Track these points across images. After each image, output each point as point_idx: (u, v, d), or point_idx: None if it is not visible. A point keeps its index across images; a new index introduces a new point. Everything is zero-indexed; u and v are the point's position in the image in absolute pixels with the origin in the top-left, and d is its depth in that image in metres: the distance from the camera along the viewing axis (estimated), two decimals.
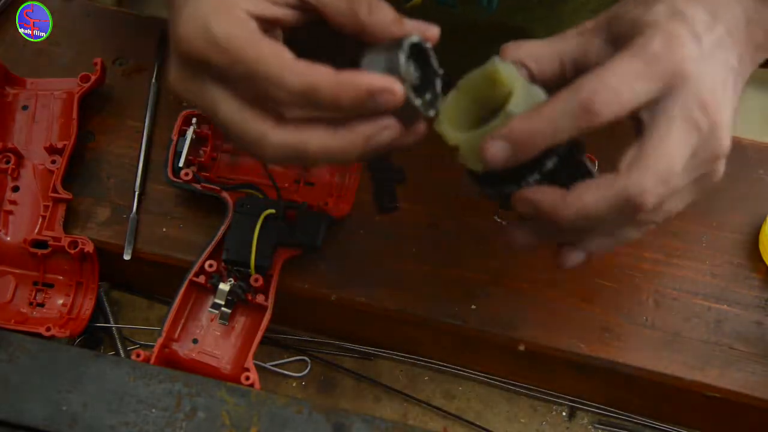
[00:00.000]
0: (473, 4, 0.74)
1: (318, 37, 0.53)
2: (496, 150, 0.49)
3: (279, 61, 0.47)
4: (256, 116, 0.49)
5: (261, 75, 0.47)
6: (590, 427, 0.71)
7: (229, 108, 0.49)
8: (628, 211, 0.49)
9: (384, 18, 0.49)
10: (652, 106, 0.49)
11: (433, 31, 0.50)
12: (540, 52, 0.53)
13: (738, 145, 0.74)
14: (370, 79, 0.47)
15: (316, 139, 0.48)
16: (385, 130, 0.49)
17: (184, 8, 0.49)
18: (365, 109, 0.47)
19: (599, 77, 0.48)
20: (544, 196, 0.50)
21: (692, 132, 0.49)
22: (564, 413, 0.71)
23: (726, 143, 0.51)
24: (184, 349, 0.67)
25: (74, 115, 0.73)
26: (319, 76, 0.46)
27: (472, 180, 0.53)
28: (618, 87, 0.48)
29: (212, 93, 0.50)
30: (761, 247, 0.70)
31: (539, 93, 0.50)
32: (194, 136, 0.71)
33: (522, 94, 0.49)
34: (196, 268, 0.67)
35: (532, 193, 0.51)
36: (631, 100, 0.48)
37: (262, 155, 0.50)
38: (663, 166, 0.48)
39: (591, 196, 0.49)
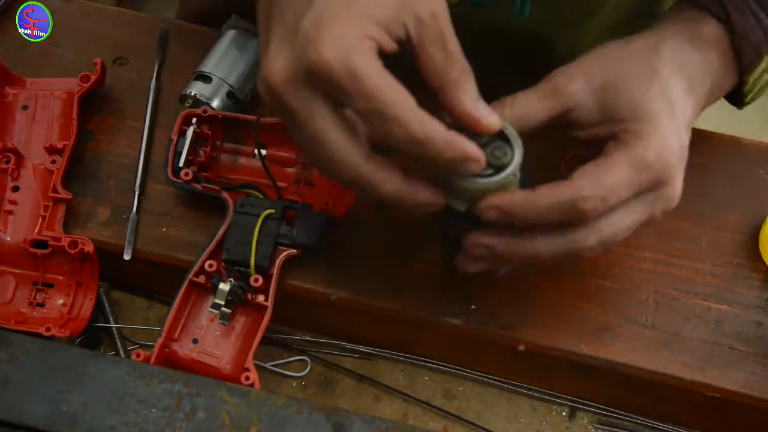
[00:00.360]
0: (506, 7, 0.76)
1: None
2: (491, 213, 0.56)
3: (409, 108, 0.51)
4: (352, 144, 0.53)
5: (391, 116, 0.51)
6: (590, 427, 0.71)
7: (328, 127, 0.53)
8: (573, 214, 0.56)
9: (464, 94, 0.53)
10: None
11: (490, 120, 0.54)
12: (532, 109, 0.59)
13: (738, 145, 0.75)
14: (471, 147, 0.52)
15: (392, 183, 0.54)
16: (437, 202, 0.56)
17: (324, 28, 0.50)
18: (453, 167, 0.53)
19: (595, 181, 0.55)
20: (511, 198, 0.56)
21: (648, 210, 0.59)
22: (564, 413, 0.71)
23: (675, 203, 0.59)
24: (184, 349, 0.67)
25: (74, 115, 0.73)
26: (435, 130, 0.51)
27: (444, 211, 0.57)
28: (609, 196, 0.55)
29: (317, 107, 0.52)
30: (761, 247, 0.70)
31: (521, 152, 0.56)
32: (194, 136, 0.71)
33: (518, 157, 0.56)
34: (196, 268, 0.67)
35: (500, 198, 0.56)
36: (617, 203, 0.56)
37: (338, 176, 0.55)
38: (609, 185, 0.56)
39: (549, 196, 0.55)
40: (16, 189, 0.72)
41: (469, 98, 0.53)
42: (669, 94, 0.58)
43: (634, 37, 0.63)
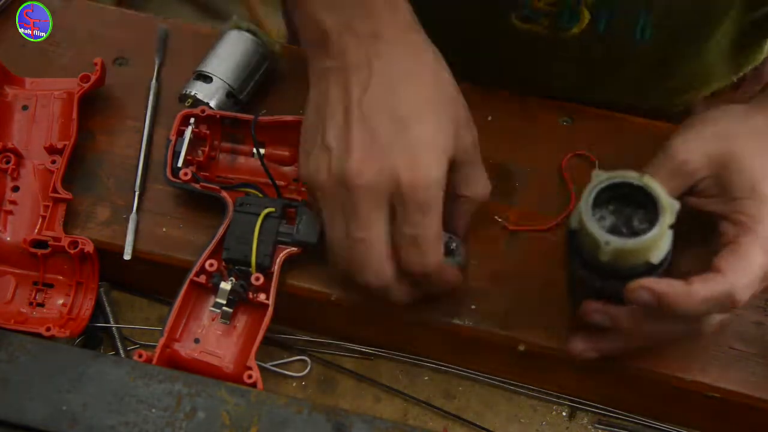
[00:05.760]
0: (627, 35, 0.77)
1: None
2: (640, 295, 0.55)
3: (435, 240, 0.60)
4: (390, 256, 0.59)
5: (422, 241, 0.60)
6: (590, 427, 0.71)
7: (380, 235, 0.59)
8: (726, 306, 0.56)
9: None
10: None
11: None
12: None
13: None
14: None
15: (410, 296, 0.63)
16: None
17: (421, 154, 0.59)
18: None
19: (744, 271, 0.56)
20: (669, 288, 0.55)
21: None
22: (564, 413, 0.71)
23: None
24: (186, 349, 0.67)
25: (74, 115, 0.73)
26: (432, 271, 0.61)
27: (580, 264, 0.56)
28: (755, 284, 0.56)
29: (381, 215, 0.59)
30: None
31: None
32: (192, 136, 0.71)
33: (668, 215, 0.53)
34: (197, 267, 0.67)
35: (655, 283, 0.55)
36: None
37: (365, 277, 0.60)
38: (754, 273, 0.56)
39: (708, 289, 0.55)
40: (16, 189, 0.72)
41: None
42: None
43: (750, 109, 0.62)
